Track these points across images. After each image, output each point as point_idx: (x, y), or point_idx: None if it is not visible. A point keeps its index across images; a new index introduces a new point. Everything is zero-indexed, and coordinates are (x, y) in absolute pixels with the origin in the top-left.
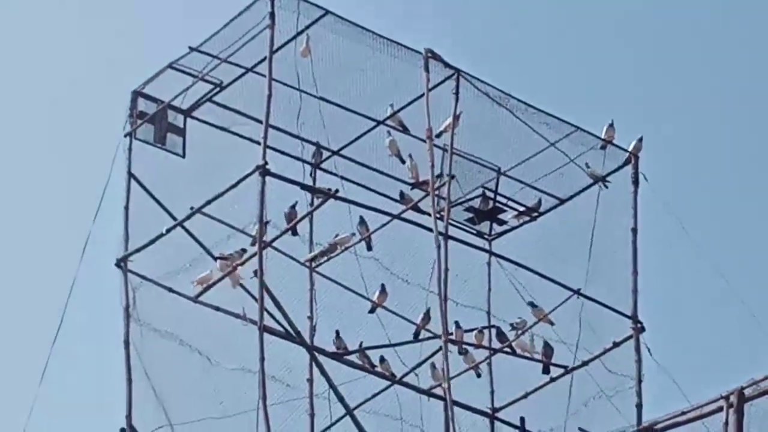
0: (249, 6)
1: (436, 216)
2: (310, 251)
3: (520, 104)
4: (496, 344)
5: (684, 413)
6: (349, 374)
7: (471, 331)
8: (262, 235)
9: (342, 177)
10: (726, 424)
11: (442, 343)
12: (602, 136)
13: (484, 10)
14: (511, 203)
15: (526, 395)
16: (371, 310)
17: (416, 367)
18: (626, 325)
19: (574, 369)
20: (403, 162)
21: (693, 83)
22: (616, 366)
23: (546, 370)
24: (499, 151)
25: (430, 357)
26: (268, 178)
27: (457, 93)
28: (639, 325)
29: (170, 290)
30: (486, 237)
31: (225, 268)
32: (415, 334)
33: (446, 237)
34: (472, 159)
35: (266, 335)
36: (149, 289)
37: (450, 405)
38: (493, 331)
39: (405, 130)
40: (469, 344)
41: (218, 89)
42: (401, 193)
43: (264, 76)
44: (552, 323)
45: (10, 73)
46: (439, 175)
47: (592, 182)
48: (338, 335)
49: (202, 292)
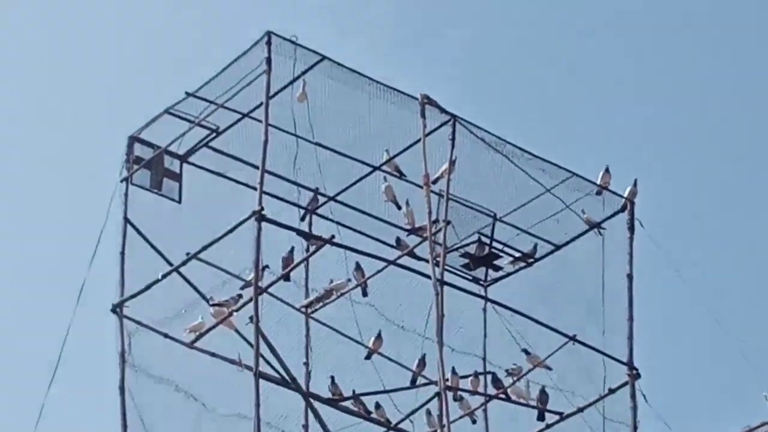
0: (245, 51)
1: (433, 262)
2: (306, 297)
3: (516, 150)
4: (492, 390)
5: None
6: (344, 421)
7: (467, 377)
8: (257, 280)
9: (338, 223)
10: None
11: (437, 390)
12: (598, 182)
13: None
14: (506, 249)
15: None
16: (367, 357)
17: (411, 414)
18: (622, 371)
19: (570, 415)
20: (399, 208)
21: (690, 128)
22: (612, 412)
23: (541, 417)
24: (495, 196)
25: (425, 403)
26: (264, 224)
27: (453, 139)
28: (634, 372)
29: (166, 336)
30: (482, 283)
31: (219, 315)
32: (413, 381)
33: (442, 283)
34: (468, 205)
35: (262, 381)
36: (145, 335)
37: None
38: (489, 378)
39: (401, 176)
40: (465, 390)
41: (214, 134)
42: (397, 239)
43: (260, 121)
44: (549, 368)
45: (9, 116)
46: (435, 221)
47: (587, 228)
48: (333, 381)
49: (196, 339)
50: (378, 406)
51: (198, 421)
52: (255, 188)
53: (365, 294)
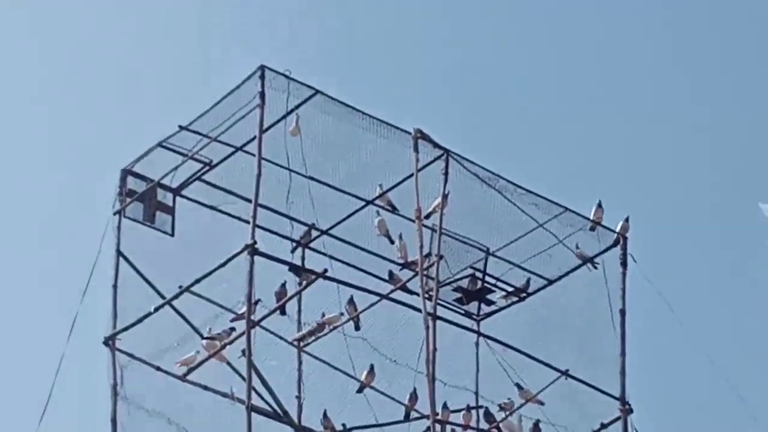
0: (239, 85)
1: (425, 296)
2: (299, 330)
3: (509, 185)
4: (484, 425)
5: None
6: None
7: (459, 411)
8: (250, 314)
9: (331, 256)
10: None
11: (429, 424)
12: (591, 217)
13: (473, 91)
14: (499, 284)
15: None
16: (359, 390)
17: None
18: (614, 406)
19: None
20: (392, 242)
21: (684, 162)
22: None
23: None
24: (487, 231)
25: None
26: (256, 257)
27: (446, 173)
28: (627, 407)
29: (158, 369)
30: (474, 317)
31: (212, 348)
32: (406, 415)
33: (435, 317)
34: (460, 239)
35: (254, 414)
36: (137, 368)
37: None
38: (481, 412)
39: (394, 210)
40: (457, 424)
41: (207, 168)
42: (390, 273)
43: (253, 155)
44: (542, 403)
45: (1, 149)
46: (427, 255)
47: (580, 263)
48: (326, 415)
49: (188, 372)
50: None
51: None
52: (248, 222)
53: (358, 328)
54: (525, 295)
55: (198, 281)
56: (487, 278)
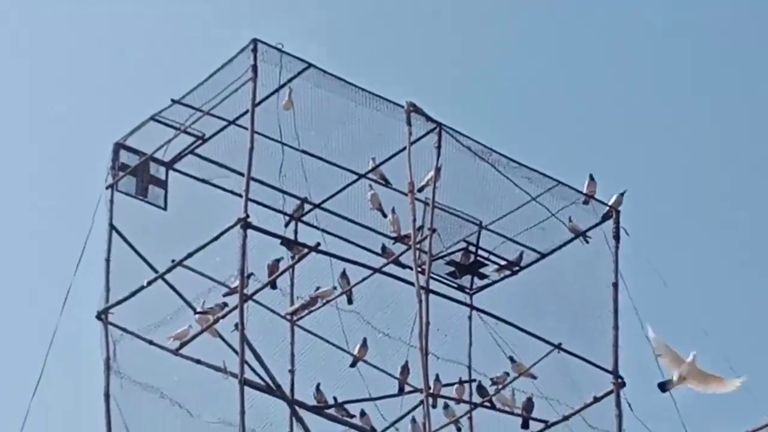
0: (232, 59)
1: (418, 270)
2: (291, 304)
3: (501, 158)
4: (477, 398)
5: None
6: (329, 428)
7: (451, 385)
8: (243, 288)
9: (323, 230)
10: None
11: (422, 397)
12: (584, 190)
13: (466, 64)
14: (492, 257)
15: None
16: (352, 364)
17: (396, 422)
18: (607, 379)
19: (555, 424)
20: (384, 215)
21: (676, 137)
22: (597, 421)
23: (526, 425)
24: (480, 204)
25: (410, 411)
26: (249, 231)
27: (439, 147)
28: (620, 380)
29: (151, 343)
30: (467, 291)
31: (204, 322)
32: (400, 389)
33: (427, 291)
34: (453, 213)
35: (247, 388)
36: (130, 342)
37: None
38: (474, 386)
39: (387, 184)
40: (449, 398)
41: (200, 142)
42: (383, 247)
43: (246, 128)
44: (534, 377)
45: None
46: (420, 228)
47: (573, 237)
48: (318, 388)
49: (181, 346)
50: (363, 413)
51: (183, 428)
52: (241, 195)
53: (350, 301)
54: (518, 268)
55: (191, 255)
56: (480, 252)
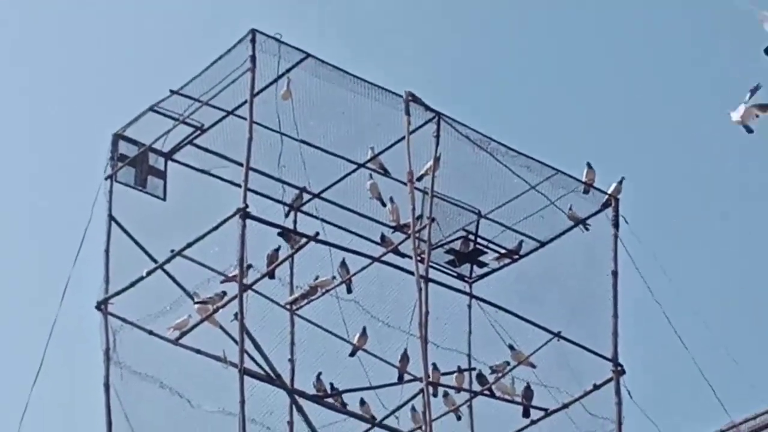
0: (230, 49)
1: (417, 259)
2: (291, 294)
3: (500, 147)
4: (477, 387)
5: None
6: (329, 417)
7: (451, 373)
8: (242, 277)
9: (323, 220)
10: None
11: (422, 386)
12: (583, 179)
13: (465, 54)
14: (491, 246)
15: None
16: (352, 353)
17: (396, 410)
18: (606, 367)
19: (555, 412)
20: (384, 205)
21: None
22: (597, 408)
23: (526, 413)
24: (479, 193)
25: (410, 400)
26: (248, 221)
27: (438, 136)
28: (619, 368)
29: (150, 333)
30: (466, 279)
31: (204, 312)
32: (400, 377)
33: (427, 280)
34: (452, 202)
35: (247, 378)
36: (129, 332)
37: None
38: (474, 374)
39: (386, 173)
40: (449, 386)
41: (199, 132)
42: (382, 236)
43: (245, 118)
44: (533, 366)
45: None
46: (419, 217)
47: (572, 225)
48: (319, 378)
49: (181, 336)
50: (363, 402)
51: (183, 418)
52: (240, 186)
53: (350, 291)
54: (517, 257)
55: (190, 245)
56: (479, 240)
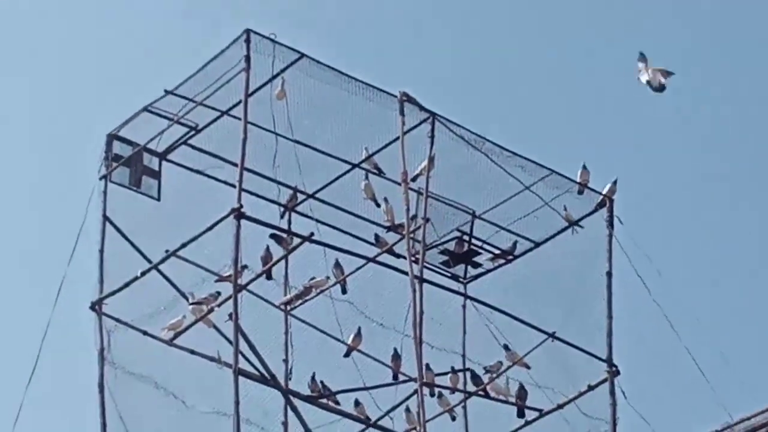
0: (224, 49)
1: (412, 259)
2: (285, 294)
3: (495, 147)
4: (471, 387)
5: None
6: (324, 417)
7: (445, 374)
8: (236, 278)
9: (317, 220)
10: None
11: (416, 387)
12: (577, 179)
13: (460, 53)
14: (486, 246)
15: None
16: (346, 354)
17: (391, 411)
18: (601, 368)
19: (549, 412)
20: (378, 205)
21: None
22: (591, 409)
23: (521, 414)
24: (474, 194)
25: (404, 400)
26: (243, 221)
27: (433, 136)
28: (614, 369)
29: (145, 333)
30: (461, 280)
31: (198, 312)
32: (394, 377)
33: (421, 280)
34: (447, 202)
35: (241, 378)
36: (124, 333)
37: None
38: (468, 374)
39: (380, 173)
40: (443, 387)
41: (193, 132)
42: (376, 237)
43: (239, 119)
44: (528, 366)
45: None
46: (413, 218)
47: (566, 225)
48: (313, 378)
49: (175, 337)
50: (357, 403)
51: (178, 419)
52: (234, 186)
53: (344, 291)
54: (512, 257)
55: (184, 245)
56: (474, 241)
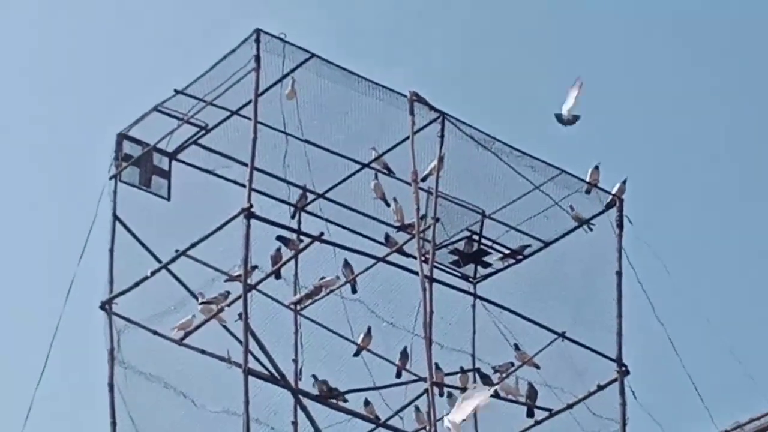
0: (234, 49)
1: (422, 259)
2: (295, 294)
3: (504, 147)
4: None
5: None
6: (334, 417)
7: (454, 374)
8: (246, 277)
9: (327, 220)
10: None
11: (426, 386)
12: (587, 179)
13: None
14: (495, 246)
15: None
16: (356, 353)
17: (401, 411)
18: (611, 368)
19: (559, 412)
20: (388, 205)
21: (679, 125)
22: (601, 409)
23: (530, 414)
24: (483, 193)
25: (414, 400)
26: (253, 221)
27: (442, 136)
28: (623, 368)
29: (155, 333)
30: (471, 280)
31: (208, 312)
32: (398, 374)
33: (431, 280)
34: (456, 202)
35: (251, 378)
36: (134, 332)
37: None
38: (478, 374)
39: (390, 173)
40: (453, 387)
41: (203, 132)
42: (386, 236)
43: (249, 118)
44: (538, 366)
45: None
46: (423, 217)
47: (576, 225)
48: (316, 379)
49: (185, 336)
50: (367, 402)
51: (187, 418)
52: (244, 185)
53: (354, 291)
54: (521, 257)
55: (194, 245)
56: (484, 241)
